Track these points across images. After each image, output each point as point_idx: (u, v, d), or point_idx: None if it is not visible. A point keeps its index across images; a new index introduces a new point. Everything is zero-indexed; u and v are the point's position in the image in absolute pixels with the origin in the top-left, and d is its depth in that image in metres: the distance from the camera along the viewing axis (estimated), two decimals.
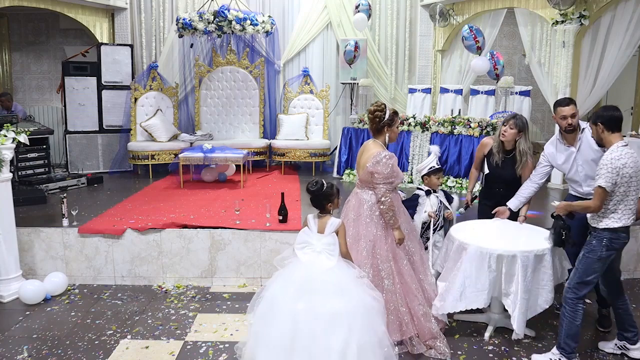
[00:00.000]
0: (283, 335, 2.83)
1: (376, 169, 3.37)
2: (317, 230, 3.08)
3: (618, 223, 3.02)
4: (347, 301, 2.87)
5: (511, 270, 3.31)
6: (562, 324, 3.19)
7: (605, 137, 3.04)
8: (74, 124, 7.50)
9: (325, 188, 3.10)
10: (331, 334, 2.79)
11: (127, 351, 3.42)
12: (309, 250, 3.04)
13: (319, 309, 2.84)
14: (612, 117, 2.99)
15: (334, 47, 8.20)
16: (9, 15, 8.69)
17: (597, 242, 3.08)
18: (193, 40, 7.50)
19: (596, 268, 3.09)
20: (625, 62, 6.05)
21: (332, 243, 3.03)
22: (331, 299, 2.87)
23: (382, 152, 3.41)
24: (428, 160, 4.07)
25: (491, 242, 3.40)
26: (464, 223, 3.93)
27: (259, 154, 7.51)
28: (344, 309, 2.84)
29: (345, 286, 2.93)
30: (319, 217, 3.12)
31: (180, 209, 5.20)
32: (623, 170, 2.91)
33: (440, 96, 7.61)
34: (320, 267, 2.97)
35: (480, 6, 7.19)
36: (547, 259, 3.33)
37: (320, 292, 2.90)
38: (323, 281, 2.93)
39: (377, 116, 3.46)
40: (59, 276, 4.38)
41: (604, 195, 2.96)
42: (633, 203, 3.02)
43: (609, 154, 2.97)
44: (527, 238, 3.55)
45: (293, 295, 2.91)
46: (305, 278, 2.96)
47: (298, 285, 2.94)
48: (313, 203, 3.15)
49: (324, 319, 2.82)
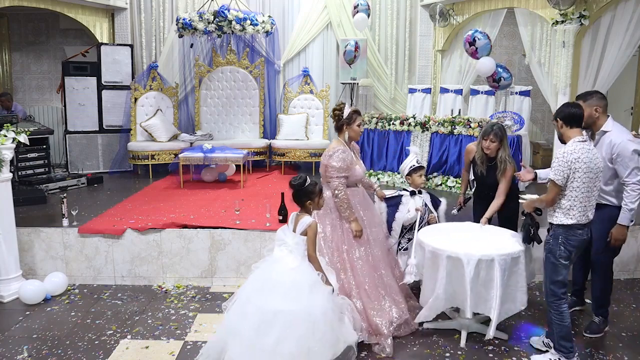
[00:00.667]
0: (234, 318, 2.92)
1: (329, 162, 3.53)
2: (293, 228, 3.09)
3: (572, 220, 3.03)
4: (291, 304, 2.85)
5: (489, 274, 3.23)
6: (552, 328, 3.18)
7: (564, 132, 3.10)
8: (74, 124, 7.49)
9: (308, 184, 3.10)
10: (264, 334, 2.81)
11: (127, 351, 3.42)
12: (283, 248, 3.06)
13: (264, 306, 2.86)
14: (569, 113, 3.06)
15: (334, 47, 8.20)
16: (9, 15, 8.69)
17: (554, 240, 3.11)
18: (193, 40, 7.50)
19: (561, 266, 3.10)
20: (625, 62, 6.05)
21: (299, 243, 3.03)
22: (278, 298, 2.88)
23: (337, 147, 3.57)
24: (408, 160, 4.06)
25: (466, 247, 3.32)
26: (431, 227, 3.87)
27: (259, 154, 7.51)
28: (283, 311, 2.83)
29: (298, 289, 2.91)
30: (297, 215, 3.14)
31: (180, 209, 5.20)
32: (575, 164, 2.93)
33: (440, 96, 7.61)
34: (281, 267, 2.99)
35: (480, 6, 7.19)
36: (522, 261, 3.30)
37: (274, 290, 2.92)
38: (277, 281, 2.94)
39: (336, 115, 3.65)
40: (59, 276, 4.38)
41: (557, 189, 2.99)
42: (588, 201, 3.03)
43: (562, 148, 3.03)
44: (500, 241, 3.48)
45: (253, 289, 2.96)
46: (268, 274, 3.00)
47: (261, 281, 2.98)
48: (294, 198, 3.15)
49: (264, 317, 2.84)
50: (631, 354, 3.40)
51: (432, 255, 3.39)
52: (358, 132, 3.71)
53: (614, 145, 3.32)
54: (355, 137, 3.74)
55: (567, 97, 6.12)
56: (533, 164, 7.56)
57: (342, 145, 3.62)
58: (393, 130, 6.85)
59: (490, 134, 3.75)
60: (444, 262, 3.29)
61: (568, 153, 2.97)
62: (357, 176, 3.68)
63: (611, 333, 3.68)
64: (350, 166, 3.58)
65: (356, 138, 3.77)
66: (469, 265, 3.21)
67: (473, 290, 3.23)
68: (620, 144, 3.29)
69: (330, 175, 3.54)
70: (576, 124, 3.06)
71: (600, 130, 3.43)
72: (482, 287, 3.26)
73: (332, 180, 3.53)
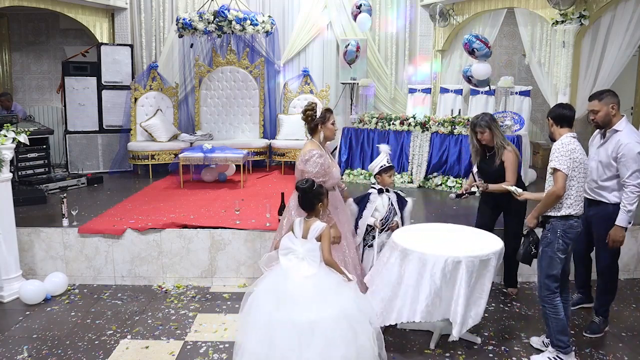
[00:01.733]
0: (259, 345, 2.76)
1: (305, 167, 3.40)
2: (302, 234, 2.98)
3: (568, 210, 3.08)
4: (324, 311, 2.76)
5: (454, 276, 3.16)
6: (547, 324, 3.21)
7: (554, 131, 3.21)
8: (74, 124, 7.50)
9: (316, 186, 3.03)
10: (307, 346, 2.71)
11: (127, 351, 3.41)
12: (292, 256, 2.94)
13: (296, 319, 2.74)
14: (560, 113, 3.18)
15: (334, 47, 8.20)
16: (9, 15, 8.70)
17: (552, 234, 3.14)
18: (193, 40, 7.50)
19: (557, 260, 3.13)
20: (625, 62, 6.05)
21: (314, 249, 2.92)
22: (308, 308, 2.77)
23: (313, 150, 3.43)
24: (378, 159, 4.03)
25: (435, 248, 3.27)
26: (406, 227, 3.83)
27: (259, 154, 7.51)
28: (320, 320, 2.74)
29: (324, 295, 2.83)
30: (305, 221, 3.02)
31: (180, 209, 5.20)
32: (573, 154, 3.03)
33: (440, 96, 7.61)
34: (299, 275, 2.87)
35: (480, 6, 7.19)
36: (492, 264, 3.24)
37: (298, 301, 2.80)
38: (301, 290, 2.83)
39: (308, 115, 3.52)
40: (59, 276, 4.38)
41: (564, 177, 3.03)
42: (582, 191, 3.11)
43: (558, 141, 3.12)
44: (471, 243, 3.43)
45: (271, 304, 2.82)
46: (283, 286, 2.86)
47: (277, 294, 2.85)
48: (302, 203, 3.04)
49: (300, 329, 2.73)
50: (631, 354, 3.40)
51: (402, 254, 3.29)
52: (333, 131, 3.60)
53: (620, 145, 3.33)
54: (331, 135, 3.60)
55: (567, 97, 6.12)
56: (533, 164, 7.56)
57: (317, 148, 3.50)
58: (393, 130, 6.85)
59: (476, 127, 3.90)
60: (413, 262, 3.21)
61: (565, 144, 3.06)
62: (335, 179, 3.55)
63: (611, 333, 3.68)
64: (327, 170, 3.45)
65: (332, 137, 3.63)
66: (435, 266, 3.14)
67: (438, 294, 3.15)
68: (627, 144, 3.30)
69: None
70: (566, 124, 3.16)
71: (612, 128, 3.43)
72: (447, 289, 3.18)
73: None
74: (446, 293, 3.19)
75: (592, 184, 3.54)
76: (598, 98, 3.43)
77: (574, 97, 6.21)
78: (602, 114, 3.40)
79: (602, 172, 3.47)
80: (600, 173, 3.48)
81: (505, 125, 6.21)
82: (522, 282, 4.51)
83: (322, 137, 3.57)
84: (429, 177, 6.56)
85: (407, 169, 6.72)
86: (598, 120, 3.44)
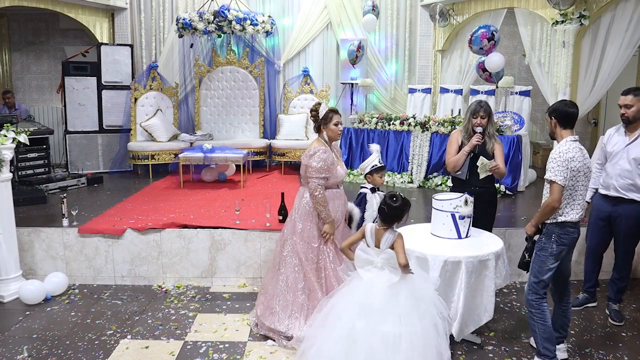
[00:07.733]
0: (338, 347, 2.78)
1: (309, 162, 3.49)
2: (374, 243, 2.95)
3: (565, 217, 3.02)
4: (409, 323, 2.75)
5: (454, 276, 3.17)
6: (534, 330, 3.14)
7: (557, 132, 3.08)
8: (74, 124, 7.50)
9: (407, 204, 2.95)
10: (391, 357, 2.71)
11: (127, 351, 3.41)
12: (371, 267, 2.93)
13: (381, 328, 2.75)
14: (565, 113, 3.02)
15: (334, 47, 8.20)
16: (9, 15, 8.70)
17: (547, 238, 3.09)
18: (193, 40, 7.50)
19: (549, 265, 3.09)
20: (625, 62, 6.05)
21: (390, 257, 2.89)
22: (393, 319, 2.76)
23: (317, 146, 3.51)
24: (370, 159, 4.03)
25: (434, 248, 3.27)
26: (406, 227, 3.78)
27: (259, 154, 7.51)
28: (405, 332, 2.73)
29: (409, 305, 2.80)
30: (376, 230, 2.95)
31: (180, 209, 5.20)
32: (571, 163, 2.93)
33: (440, 96, 7.60)
34: (382, 285, 2.85)
35: (480, 6, 7.19)
36: (491, 265, 3.24)
37: (382, 311, 2.79)
38: (385, 300, 2.81)
39: (313, 115, 3.60)
40: (59, 276, 4.38)
41: (560, 189, 2.95)
42: (581, 198, 3.04)
43: (557, 148, 3.01)
44: (471, 243, 3.42)
45: (354, 313, 2.83)
46: (366, 297, 2.85)
47: (360, 304, 2.85)
48: (384, 216, 2.94)
49: (384, 339, 2.73)
50: (631, 354, 3.40)
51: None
52: (336, 132, 3.59)
53: None
54: (334, 136, 3.60)
55: (567, 97, 6.12)
56: (533, 164, 7.57)
57: (322, 145, 3.53)
58: (393, 130, 6.85)
59: (480, 111, 3.82)
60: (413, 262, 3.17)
61: (563, 152, 2.95)
62: (338, 177, 3.60)
63: (611, 333, 3.69)
64: (330, 167, 3.50)
65: (335, 138, 3.64)
66: (435, 266, 3.14)
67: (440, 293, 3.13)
68: None
69: (309, 176, 3.47)
70: (570, 125, 3.05)
71: None
72: (448, 289, 3.19)
73: (312, 181, 3.45)
74: (446, 293, 3.18)
75: (624, 181, 3.50)
76: (634, 93, 3.41)
77: (574, 97, 6.21)
78: (635, 109, 3.37)
79: (636, 168, 3.45)
80: (637, 170, 3.45)
81: (505, 125, 6.21)
82: (522, 282, 4.52)
83: (327, 137, 3.60)
84: (429, 177, 6.56)
85: (407, 169, 6.72)
86: (629, 115, 3.40)
